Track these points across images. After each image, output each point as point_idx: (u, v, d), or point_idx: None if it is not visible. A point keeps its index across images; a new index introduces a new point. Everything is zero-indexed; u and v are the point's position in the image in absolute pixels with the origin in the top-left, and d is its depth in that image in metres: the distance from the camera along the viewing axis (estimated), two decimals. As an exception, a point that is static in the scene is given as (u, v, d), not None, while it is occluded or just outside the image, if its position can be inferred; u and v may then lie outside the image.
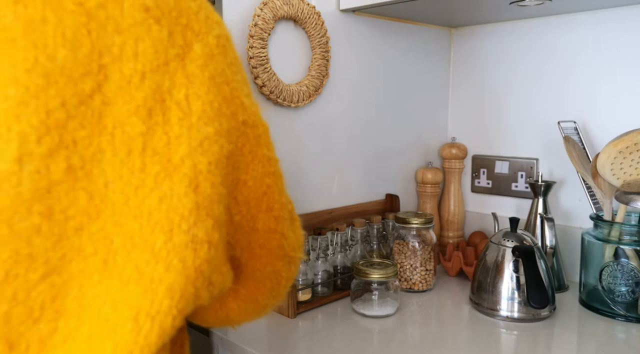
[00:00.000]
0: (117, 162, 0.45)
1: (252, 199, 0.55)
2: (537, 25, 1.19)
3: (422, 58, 1.27)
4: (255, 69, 0.90)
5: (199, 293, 0.47)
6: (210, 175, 0.47)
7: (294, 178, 1.01)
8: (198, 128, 0.47)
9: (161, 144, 0.45)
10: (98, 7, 0.45)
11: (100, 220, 0.45)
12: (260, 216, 0.56)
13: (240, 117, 0.51)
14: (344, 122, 1.09)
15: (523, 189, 1.24)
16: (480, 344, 0.85)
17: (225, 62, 0.50)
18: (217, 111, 0.48)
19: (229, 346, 0.86)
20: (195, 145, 0.46)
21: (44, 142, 0.44)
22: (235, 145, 0.51)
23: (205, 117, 0.47)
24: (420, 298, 1.05)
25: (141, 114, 0.45)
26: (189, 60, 0.47)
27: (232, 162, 0.50)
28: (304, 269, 0.99)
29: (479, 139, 1.32)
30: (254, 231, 0.56)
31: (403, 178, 1.26)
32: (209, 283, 0.48)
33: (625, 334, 0.89)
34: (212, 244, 0.48)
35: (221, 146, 0.48)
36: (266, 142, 0.56)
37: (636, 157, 0.90)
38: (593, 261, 0.99)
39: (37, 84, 0.43)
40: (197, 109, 0.47)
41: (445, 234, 1.28)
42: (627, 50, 1.07)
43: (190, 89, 0.47)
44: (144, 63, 0.45)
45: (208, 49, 0.49)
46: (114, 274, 0.45)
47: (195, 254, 0.46)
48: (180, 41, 0.47)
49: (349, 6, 1.03)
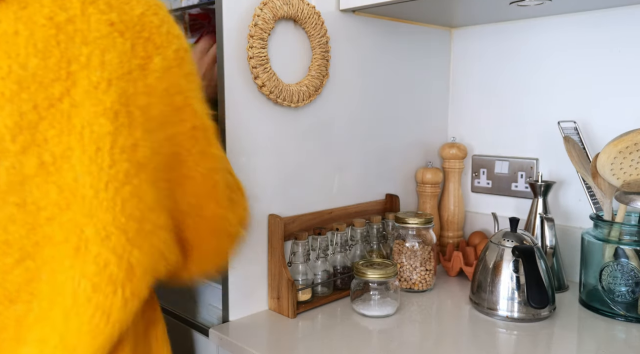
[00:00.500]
0: (85, 159, 0.50)
1: (200, 192, 0.61)
2: (537, 25, 1.19)
3: (422, 58, 1.27)
4: (255, 69, 0.90)
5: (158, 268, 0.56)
6: (161, 174, 0.55)
7: (294, 178, 1.01)
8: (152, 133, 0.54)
9: (128, 144, 0.52)
10: (67, 22, 0.51)
11: (70, 211, 0.51)
12: (208, 206, 0.62)
13: (190, 123, 0.58)
14: (344, 122, 1.09)
15: (523, 189, 1.24)
16: (480, 344, 0.85)
17: (181, 73, 0.57)
18: (167, 118, 0.55)
19: (229, 346, 0.86)
20: (150, 147, 0.54)
21: (18, 140, 0.49)
22: (182, 147, 0.58)
23: (158, 125, 0.55)
24: (420, 298, 1.05)
25: (109, 116, 0.51)
26: (149, 71, 0.54)
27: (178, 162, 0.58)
28: (304, 269, 0.99)
29: (479, 139, 1.32)
30: (202, 218, 0.63)
31: (403, 178, 1.26)
32: (165, 260, 0.57)
33: (625, 334, 0.89)
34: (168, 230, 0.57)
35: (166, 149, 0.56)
36: (215, 142, 0.62)
37: (636, 157, 0.90)
38: (593, 261, 0.99)
39: (11, 90, 0.49)
40: (153, 116, 0.54)
41: (445, 234, 1.28)
42: (627, 50, 1.07)
43: (149, 98, 0.54)
44: (110, 71, 0.51)
45: (166, 63, 0.55)
46: (87, 260, 0.51)
47: (159, 238, 0.55)
48: (142, 53, 0.53)
49: (349, 6, 1.03)
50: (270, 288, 0.97)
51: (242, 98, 0.91)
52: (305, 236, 0.99)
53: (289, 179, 1.00)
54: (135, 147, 0.52)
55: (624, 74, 1.08)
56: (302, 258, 0.99)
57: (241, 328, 0.91)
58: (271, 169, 0.97)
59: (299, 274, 0.98)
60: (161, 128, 0.55)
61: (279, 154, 0.98)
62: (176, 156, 0.57)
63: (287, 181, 1.00)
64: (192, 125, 0.58)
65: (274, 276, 0.96)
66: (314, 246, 1.02)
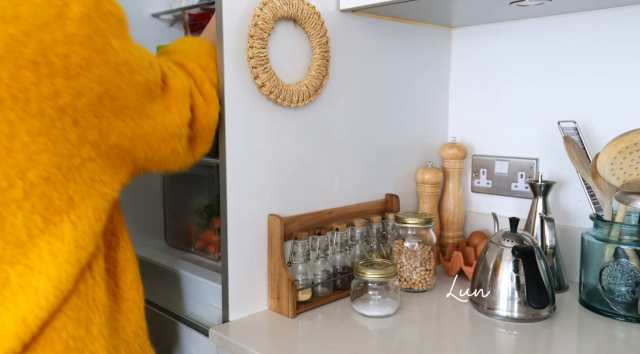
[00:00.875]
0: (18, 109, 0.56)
1: (136, 114, 0.67)
2: (537, 25, 1.19)
3: (422, 58, 1.27)
4: (255, 69, 0.90)
5: (100, 190, 0.66)
6: (85, 113, 0.61)
7: (294, 178, 1.01)
8: (74, 79, 0.58)
9: (51, 92, 0.57)
10: None
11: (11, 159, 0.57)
12: (144, 126, 0.70)
13: (113, 61, 0.62)
14: (344, 122, 1.09)
15: (523, 189, 1.24)
16: (480, 344, 0.85)
17: (99, 16, 0.60)
18: (90, 62, 0.59)
19: (229, 346, 0.86)
20: (74, 93, 0.59)
21: None
22: (111, 84, 0.62)
23: (80, 70, 0.58)
24: (420, 298, 1.05)
25: (31, 68, 0.55)
26: (67, 19, 0.57)
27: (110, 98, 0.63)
28: (303, 269, 0.99)
29: (479, 139, 1.32)
30: (144, 134, 0.70)
31: (403, 178, 1.26)
32: (103, 183, 0.66)
33: (625, 334, 0.89)
34: (97, 159, 0.65)
35: (92, 90, 0.60)
36: (138, 70, 0.66)
37: (636, 157, 0.90)
38: (593, 261, 0.99)
39: None
40: (74, 63, 0.58)
41: (445, 234, 1.28)
42: (627, 50, 1.07)
43: (69, 47, 0.57)
44: (24, 24, 0.55)
45: (85, 9, 0.58)
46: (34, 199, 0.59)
47: (87, 169, 0.63)
48: (58, 2, 0.56)
49: (349, 6, 1.03)
50: (270, 288, 0.97)
51: (242, 98, 0.91)
52: (305, 236, 0.99)
53: (289, 179, 1.00)
54: (56, 94, 0.57)
55: (624, 74, 1.08)
56: (302, 258, 0.99)
57: (241, 328, 0.91)
58: (271, 169, 0.97)
59: (299, 274, 0.98)
60: (84, 73, 0.59)
61: (279, 154, 0.98)
62: (106, 94, 0.62)
63: (287, 181, 1.00)
64: (115, 63, 0.62)
65: (274, 276, 0.96)
66: (314, 246, 1.02)
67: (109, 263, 0.73)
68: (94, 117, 0.62)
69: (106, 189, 0.66)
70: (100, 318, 0.66)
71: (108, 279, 0.72)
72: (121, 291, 0.74)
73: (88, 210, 0.63)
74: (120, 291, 0.73)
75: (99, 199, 0.65)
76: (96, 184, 0.64)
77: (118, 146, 0.66)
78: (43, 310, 0.59)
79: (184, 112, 0.76)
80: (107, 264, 0.72)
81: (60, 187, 0.60)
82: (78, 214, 0.62)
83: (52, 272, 0.60)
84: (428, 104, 1.31)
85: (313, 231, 1.02)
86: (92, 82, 0.60)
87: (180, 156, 0.78)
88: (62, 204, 0.61)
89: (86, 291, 0.65)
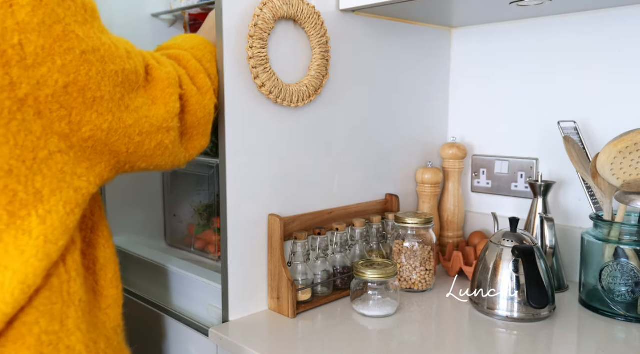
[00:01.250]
0: None
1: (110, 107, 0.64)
2: (537, 25, 1.19)
3: (422, 58, 1.27)
4: (255, 69, 0.90)
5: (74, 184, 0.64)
6: (49, 105, 0.58)
7: (294, 178, 1.01)
8: (33, 69, 0.56)
9: (5, 83, 0.55)
10: None
11: None
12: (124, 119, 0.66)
13: (78, 50, 0.59)
14: (344, 122, 1.09)
15: (523, 189, 1.24)
16: (480, 345, 0.85)
17: (55, 2, 0.57)
18: (49, 51, 0.57)
19: (229, 346, 0.86)
20: (34, 83, 0.56)
21: None
22: (78, 74, 0.59)
23: (39, 59, 0.56)
24: (420, 298, 1.05)
25: None
26: (17, 6, 0.55)
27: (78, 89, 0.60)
28: (303, 269, 0.99)
29: (479, 139, 1.32)
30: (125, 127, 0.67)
31: (403, 178, 1.26)
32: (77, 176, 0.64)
33: (625, 334, 0.89)
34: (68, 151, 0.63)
35: (56, 80, 0.58)
36: (111, 58, 0.63)
37: (636, 157, 0.90)
38: (593, 261, 0.99)
39: None
40: (31, 52, 0.55)
41: (445, 234, 1.28)
42: (627, 50, 1.07)
43: (22, 35, 0.55)
44: None
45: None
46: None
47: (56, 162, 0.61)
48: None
49: (349, 6, 1.03)
50: (270, 288, 0.97)
51: (242, 98, 0.91)
52: (305, 236, 0.99)
53: (289, 179, 1.00)
54: (14, 85, 0.55)
55: (624, 74, 1.08)
56: (302, 258, 0.99)
57: (241, 328, 0.91)
58: (271, 169, 0.97)
59: (299, 274, 0.98)
60: (44, 62, 0.56)
61: (279, 154, 0.98)
62: (73, 84, 0.59)
63: (287, 181, 1.00)
64: (80, 51, 0.59)
65: (274, 276, 0.96)
66: (313, 246, 1.02)
67: (88, 260, 0.72)
68: (62, 108, 0.59)
69: (81, 182, 0.64)
70: (76, 312, 0.65)
71: (87, 275, 0.71)
72: (101, 288, 0.72)
73: (58, 204, 0.61)
74: (99, 288, 0.72)
75: (71, 193, 0.62)
76: (68, 176, 0.62)
77: (93, 139, 0.64)
78: (8, 305, 0.58)
79: (170, 103, 0.73)
80: (87, 260, 0.71)
81: (26, 180, 0.58)
82: (47, 208, 0.60)
83: (19, 267, 0.58)
84: (428, 104, 1.31)
85: (313, 231, 1.02)
86: (54, 72, 0.57)
87: (170, 150, 0.76)
88: (28, 198, 0.59)
89: (60, 285, 0.63)
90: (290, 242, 1.00)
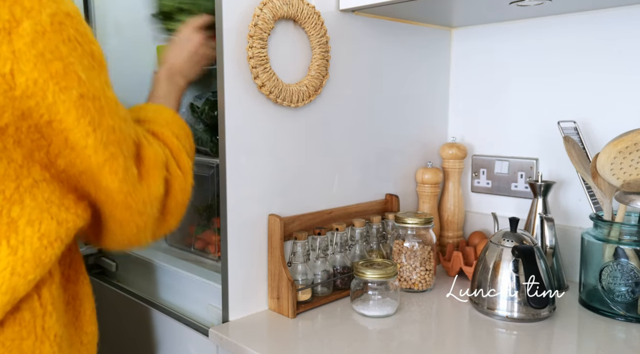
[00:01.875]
0: None
1: (95, 163, 0.60)
2: (537, 25, 1.19)
3: (422, 58, 1.27)
4: (255, 69, 0.90)
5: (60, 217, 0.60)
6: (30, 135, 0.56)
7: (294, 178, 1.01)
8: (20, 100, 0.53)
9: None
10: None
11: None
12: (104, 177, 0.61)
13: (77, 91, 0.56)
14: (344, 122, 1.09)
15: (523, 189, 1.24)
16: (479, 345, 0.85)
17: (60, 39, 0.55)
18: (42, 85, 0.54)
19: (229, 346, 0.86)
20: (18, 114, 0.54)
21: None
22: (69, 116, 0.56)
23: (28, 91, 0.53)
24: (420, 298, 1.05)
25: None
26: (16, 35, 0.52)
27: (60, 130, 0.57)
28: (303, 269, 0.99)
29: (479, 139, 1.32)
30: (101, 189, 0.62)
31: (403, 178, 1.26)
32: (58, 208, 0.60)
33: (625, 334, 0.89)
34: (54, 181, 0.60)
35: (41, 115, 0.55)
36: (112, 112, 0.61)
37: (636, 157, 0.90)
38: (593, 261, 0.99)
39: None
40: (21, 83, 0.53)
41: (445, 234, 1.28)
42: (627, 50, 1.07)
43: (15, 64, 0.52)
44: None
45: (40, 27, 0.54)
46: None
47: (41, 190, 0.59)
48: (7, 16, 0.52)
49: (349, 6, 1.03)
50: (270, 288, 0.97)
51: (242, 98, 0.91)
52: (305, 236, 0.99)
53: (288, 179, 1.00)
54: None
55: (624, 74, 1.08)
56: (302, 258, 0.99)
57: (241, 328, 0.91)
58: (271, 169, 0.97)
59: (299, 274, 0.98)
60: (33, 95, 0.54)
61: (279, 154, 0.98)
62: (58, 124, 0.56)
63: (287, 180, 1.00)
64: (78, 93, 0.56)
65: (274, 276, 0.96)
66: (313, 246, 1.02)
67: (68, 294, 0.69)
68: (42, 138, 0.56)
69: (68, 214, 0.61)
70: (51, 348, 0.61)
71: (67, 309, 0.68)
72: (81, 323, 0.70)
73: (34, 236, 0.58)
74: (79, 324, 0.70)
75: (53, 225, 0.59)
76: (54, 207, 0.59)
77: (66, 173, 0.60)
78: None
79: (153, 186, 0.68)
80: (67, 294, 0.68)
81: (1, 209, 0.56)
82: (20, 239, 0.57)
83: None
84: (428, 104, 1.31)
85: (313, 231, 1.02)
86: (42, 107, 0.54)
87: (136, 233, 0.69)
88: (1, 227, 0.56)
89: (33, 320, 0.60)
90: (290, 242, 1.00)
